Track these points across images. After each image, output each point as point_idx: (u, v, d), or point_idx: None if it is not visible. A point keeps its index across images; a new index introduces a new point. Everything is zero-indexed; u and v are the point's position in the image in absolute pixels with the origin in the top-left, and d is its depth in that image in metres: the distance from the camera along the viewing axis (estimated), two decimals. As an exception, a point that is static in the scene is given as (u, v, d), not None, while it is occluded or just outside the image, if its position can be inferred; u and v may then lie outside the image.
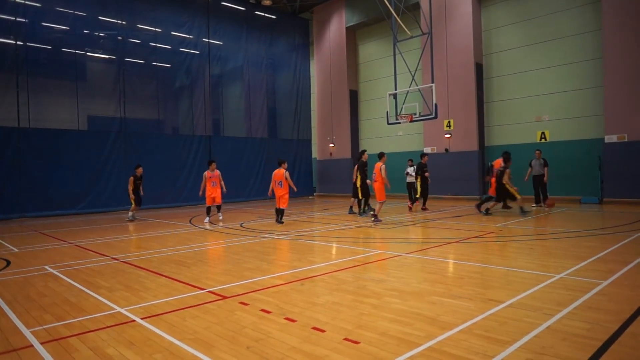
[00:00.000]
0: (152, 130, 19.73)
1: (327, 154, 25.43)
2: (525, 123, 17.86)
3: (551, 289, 4.84)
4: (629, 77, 14.64)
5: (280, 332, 3.76)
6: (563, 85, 16.80)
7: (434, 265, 6.39)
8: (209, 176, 12.94)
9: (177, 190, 19.59)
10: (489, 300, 4.50)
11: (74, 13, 17.09)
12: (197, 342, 3.59)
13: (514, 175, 12.93)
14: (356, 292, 4.95)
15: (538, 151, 14.62)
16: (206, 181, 12.94)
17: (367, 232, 10.07)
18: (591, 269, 5.75)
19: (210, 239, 9.78)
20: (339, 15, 24.29)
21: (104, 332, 3.90)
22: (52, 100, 16.72)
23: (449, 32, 19.27)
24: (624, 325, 3.68)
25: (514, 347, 3.27)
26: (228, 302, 4.73)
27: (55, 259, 7.66)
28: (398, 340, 3.49)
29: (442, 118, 18.96)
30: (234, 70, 22.94)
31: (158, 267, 6.69)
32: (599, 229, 9.27)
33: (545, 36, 17.21)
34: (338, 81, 24.59)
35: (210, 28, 21.19)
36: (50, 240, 10.11)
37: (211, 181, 12.93)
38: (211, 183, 12.92)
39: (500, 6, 18.57)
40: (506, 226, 10.19)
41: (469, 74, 18.69)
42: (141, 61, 19.36)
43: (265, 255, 7.48)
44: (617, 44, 14.87)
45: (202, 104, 21.00)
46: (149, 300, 4.86)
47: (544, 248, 7.48)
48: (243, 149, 22.24)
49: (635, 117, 14.57)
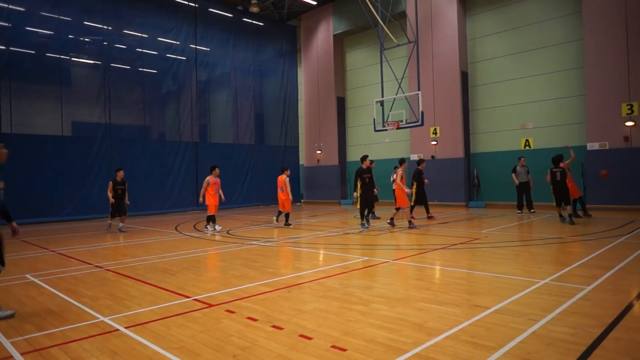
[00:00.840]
0: (138, 136, 19.53)
1: (315, 160, 25.46)
2: (510, 131, 18.13)
3: (536, 295, 4.89)
4: (610, 85, 14.98)
5: (267, 340, 3.73)
6: (546, 93, 17.12)
7: (421, 271, 6.42)
8: (213, 182, 12.20)
9: (163, 197, 19.40)
10: (475, 306, 4.52)
11: (59, 18, 16.89)
12: (182, 351, 3.54)
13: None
14: (343, 299, 4.94)
15: (522, 158, 14.84)
16: (208, 187, 12.17)
17: (354, 239, 10.08)
18: (575, 274, 5.83)
19: (197, 246, 9.69)
20: (327, 23, 24.45)
21: (86, 341, 3.83)
22: (36, 105, 16.46)
23: (434, 40, 19.52)
24: (607, 329, 3.73)
25: (499, 353, 3.29)
26: (214, 310, 4.68)
27: (37, 267, 7.50)
28: (385, 347, 3.49)
29: (428, 125, 19.15)
30: (221, 76, 22.89)
31: (143, 275, 6.59)
32: (582, 235, 9.41)
33: (529, 45, 17.54)
34: (325, 88, 24.70)
35: (198, 34, 21.14)
36: (32, 248, 9.90)
37: (215, 188, 12.22)
38: (214, 190, 12.22)
39: (485, 16, 18.89)
40: (492, 232, 10.29)
41: (455, 82, 18.93)
42: (127, 67, 19.21)
43: (252, 263, 7.43)
44: (598, 53, 15.22)
45: (189, 110, 20.89)
46: (134, 309, 4.78)
47: (529, 254, 7.56)
48: (230, 155, 22.15)
49: (616, 125, 14.89)
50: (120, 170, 12.91)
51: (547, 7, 17.07)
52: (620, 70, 14.75)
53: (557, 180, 11.43)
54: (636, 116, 14.50)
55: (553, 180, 11.51)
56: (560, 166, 11.54)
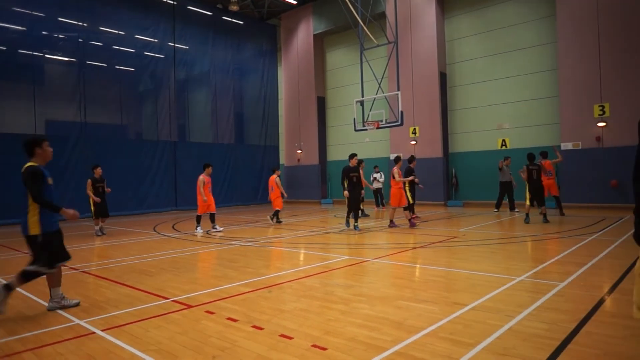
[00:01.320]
0: (115, 136, 19.15)
1: (295, 160, 25.42)
2: (487, 131, 18.46)
3: (512, 291, 4.99)
4: (582, 87, 15.40)
5: (247, 341, 3.71)
6: (522, 94, 17.49)
7: (401, 270, 6.48)
8: (208, 181, 11.84)
9: (140, 197, 19.07)
10: (453, 303, 4.59)
11: (32, 13, 16.43)
12: (160, 353, 3.49)
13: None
14: (324, 298, 4.95)
15: (509, 158, 15.03)
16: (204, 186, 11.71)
17: (335, 239, 10.10)
18: (549, 271, 5.97)
19: (176, 246, 9.56)
20: (307, 22, 24.43)
21: (61, 345, 3.74)
22: (7, 103, 15.98)
23: (414, 41, 19.72)
24: (579, 324, 3.84)
25: (477, 349, 3.35)
26: (193, 311, 4.63)
27: (9, 270, 7.28)
28: (366, 345, 3.51)
29: (407, 125, 19.33)
30: (200, 75, 22.64)
31: (120, 276, 6.47)
32: (556, 233, 9.65)
33: (504, 47, 17.89)
34: (306, 88, 24.68)
35: (176, 32, 20.85)
36: (4, 250, 9.61)
37: (209, 186, 11.85)
38: (209, 188, 11.86)
39: (463, 17, 19.18)
40: (470, 231, 10.46)
41: (433, 83, 19.16)
42: (103, 64, 18.81)
43: (231, 263, 7.37)
44: (571, 55, 15.63)
45: (167, 109, 20.59)
46: (110, 311, 4.69)
47: (505, 252, 7.71)
48: (209, 154, 21.86)
49: (588, 125, 15.32)
50: (98, 167, 11.97)
51: (522, 11, 17.44)
52: (593, 72, 15.18)
53: (533, 179, 11.27)
54: (608, 117, 14.95)
55: (529, 177, 11.31)
56: (542, 163, 11.67)
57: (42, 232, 4.73)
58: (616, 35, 14.72)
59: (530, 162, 11.49)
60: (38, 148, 4.92)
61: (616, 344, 3.41)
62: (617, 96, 14.75)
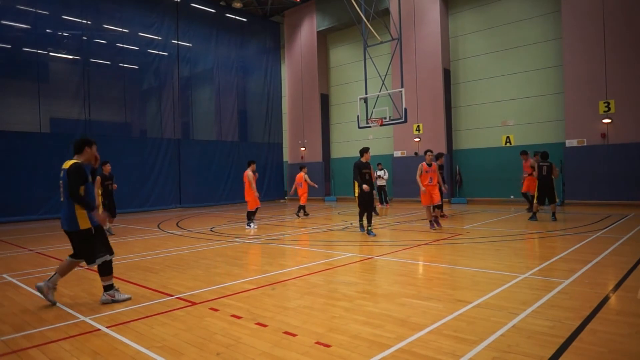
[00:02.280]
0: (119, 133, 19.20)
1: (299, 157, 25.41)
2: (491, 127, 18.38)
3: (516, 289, 4.98)
4: (587, 83, 15.30)
5: (251, 338, 3.72)
6: (526, 91, 17.40)
7: (404, 267, 6.47)
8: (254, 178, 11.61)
9: (144, 194, 19.13)
10: (457, 300, 4.59)
11: (36, 11, 16.47)
12: (165, 350, 3.51)
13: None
14: (327, 296, 4.95)
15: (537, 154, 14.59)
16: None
17: (338, 236, 10.10)
18: (554, 268, 5.95)
19: (180, 244, 9.59)
20: (310, 19, 24.38)
21: (66, 342, 3.76)
22: (12, 101, 16.03)
23: (417, 38, 19.64)
24: (584, 322, 3.82)
25: (481, 346, 3.35)
26: (197, 308, 4.65)
27: (14, 267, 7.33)
28: (369, 343, 3.52)
29: (411, 122, 19.28)
30: (204, 72, 22.64)
31: (124, 273, 6.50)
32: (561, 230, 9.61)
33: (509, 44, 17.79)
34: (309, 85, 24.65)
35: (180, 29, 20.86)
36: (9, 247, 9.67)
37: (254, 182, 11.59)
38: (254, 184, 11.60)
39: (467, 14, 19.08)
40: (474, 228, 10.43)
41: (437, 79, 19.09)
42: (107, 62, 18.85)
43: (235, 260, 7.39)
44: (576, 52, 15.53)
45: (170, 106, 20.62)
46: (115, 308, 4.71)
47: (509, 249, 7.69)
48: (213, 152, 21.96)
49: (593, 122, 15.23)
50: (107, 163, 11.55)
51: (526, 6, 17.32)
52: (598, 68, 15.07)
53: (543, 175, 11.19)
54: (613, 113, 14.85)
55: (539, 174, 11.24)
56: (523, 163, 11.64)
57: (93, 226, 4.87)
58: (621, 31, 14.61)
59: (543, 159, 11.44)
60: (88, 147, 5.04)
61: (621, 342, 3.39)
62: (623, 92, 14.65)
